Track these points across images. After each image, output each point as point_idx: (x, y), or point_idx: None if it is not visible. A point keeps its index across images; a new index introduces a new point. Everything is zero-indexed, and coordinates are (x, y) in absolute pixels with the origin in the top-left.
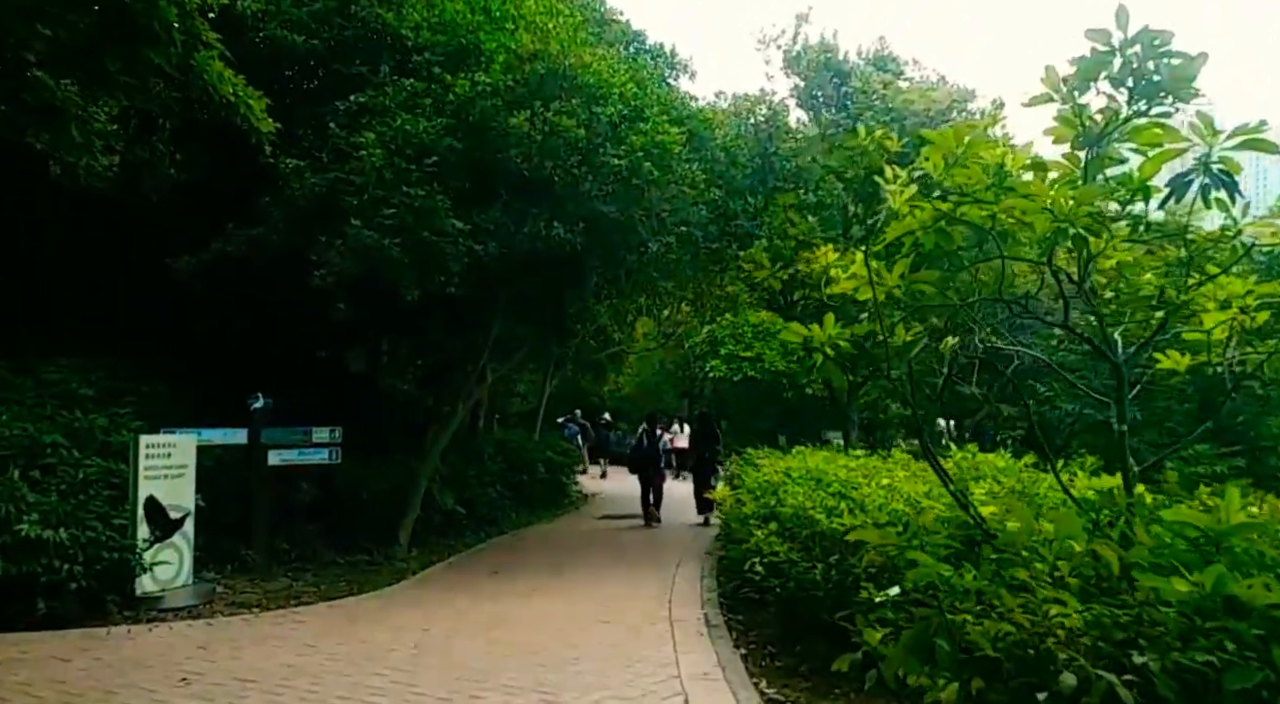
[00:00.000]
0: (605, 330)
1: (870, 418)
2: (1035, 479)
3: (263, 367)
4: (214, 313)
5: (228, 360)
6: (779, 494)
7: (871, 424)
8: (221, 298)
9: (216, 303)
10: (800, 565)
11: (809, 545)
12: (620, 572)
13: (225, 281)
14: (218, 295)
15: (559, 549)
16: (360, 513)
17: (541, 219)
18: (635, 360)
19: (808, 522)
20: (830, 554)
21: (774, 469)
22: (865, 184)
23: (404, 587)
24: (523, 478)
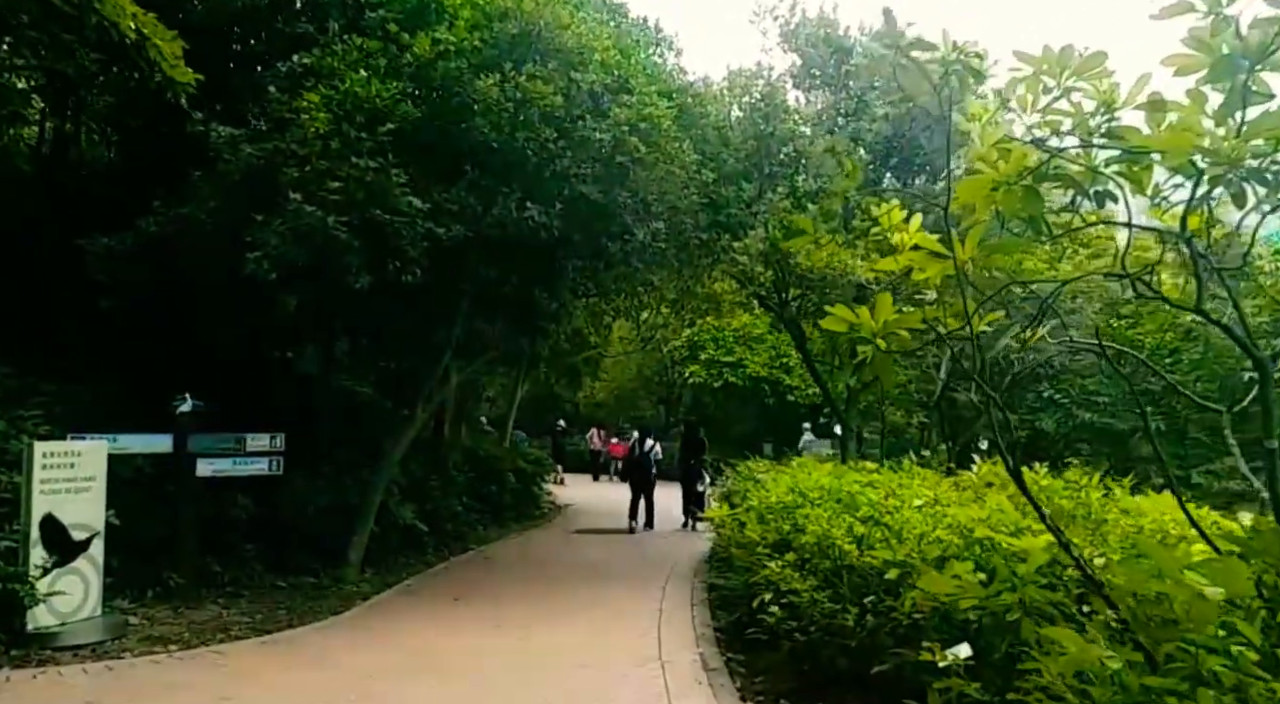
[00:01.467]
0: (581, 332)
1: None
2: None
3: (197, 365)
4: (139, 304)
5: (156, 358)
6: (795, 518)
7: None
8: (147, 286)
9: (141, 292)
10: (824, 605)
11: (833, 580)
12: (601, 597)
13: (152, 268)
14: (143, 284)
15: (531, 569)
16: (305, 530)
17: (513, 199)
18: (611, 365)
19: (833, 553)
20: (862, 592)
21: (779, 486)
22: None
23: (351, 616)
24: (491, 488)
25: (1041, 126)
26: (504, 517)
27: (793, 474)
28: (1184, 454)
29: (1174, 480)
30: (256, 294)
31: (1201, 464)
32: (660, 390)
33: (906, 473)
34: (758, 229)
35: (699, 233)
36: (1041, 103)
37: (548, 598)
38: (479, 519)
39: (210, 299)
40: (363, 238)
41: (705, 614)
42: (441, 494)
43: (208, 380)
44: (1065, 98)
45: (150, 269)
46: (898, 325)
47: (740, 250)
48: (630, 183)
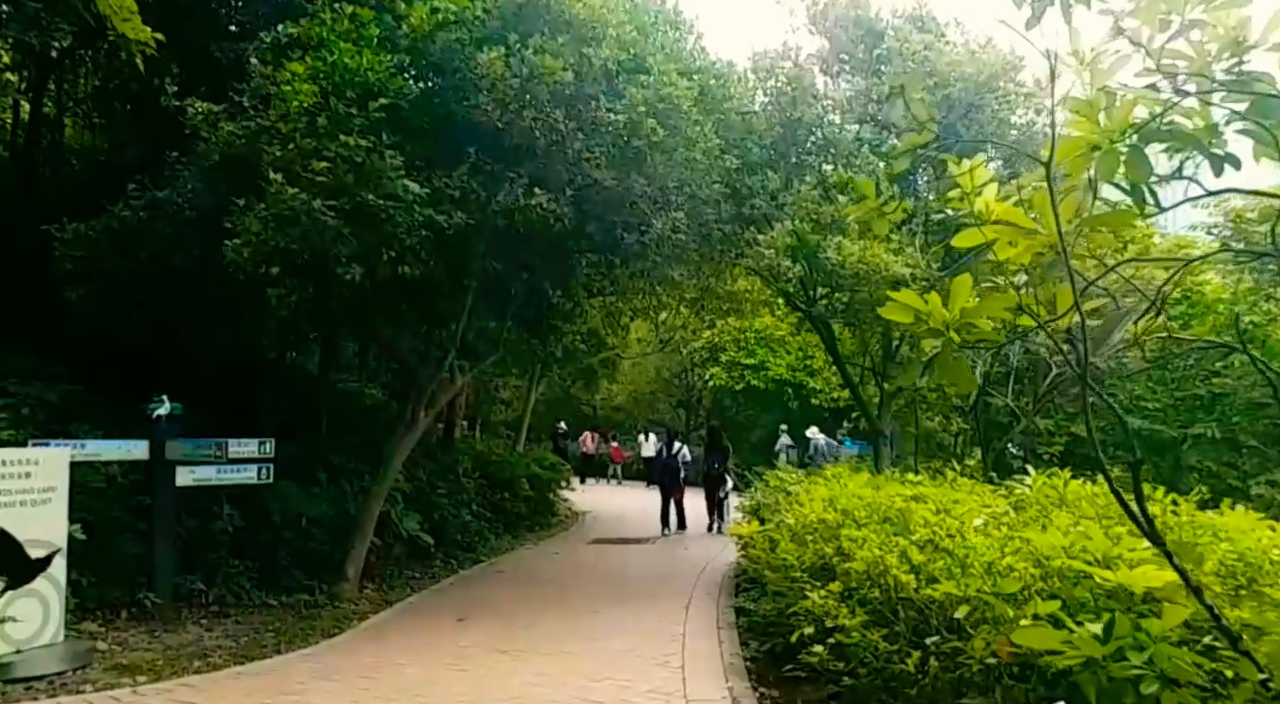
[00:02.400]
0: (597, 332)
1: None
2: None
3: (178, 365)
4: (113, 296)
5: (132, 357)
6: (840, 540)
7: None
8: (121, 277)
9: (115, 283)
10: (875, 644)
11: (884, 615)
12: (619, 618)
13: (126, 256)
14: (116, 274)
15: (544, 585)
16: (298, 543)
17: (520, 185)
18: (629, 367)
19: (886, 583)
20: (920, 631)
21: (814, 499)
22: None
23: (344, 640)
24: (503, 496)
25: (1154, 71)
26: (517, 526)
27: (827, 485)
28: (1240, 464)
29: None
30: (241, 287)
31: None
32: (679, 393)
33: (951, 484)
34: (785, 222)
35: (721, 225)
36: (1157, 41)
37: (562, 619)
38: (490, 528)
39: (191, 292)
40: (354, 225)
41: (733, 641)
42: (450, 502)
43: (191, 381)
44: (1184, 36)
45: (124, 258)
46: (977, 314)
47: (766, 244)
48: (647, 169)
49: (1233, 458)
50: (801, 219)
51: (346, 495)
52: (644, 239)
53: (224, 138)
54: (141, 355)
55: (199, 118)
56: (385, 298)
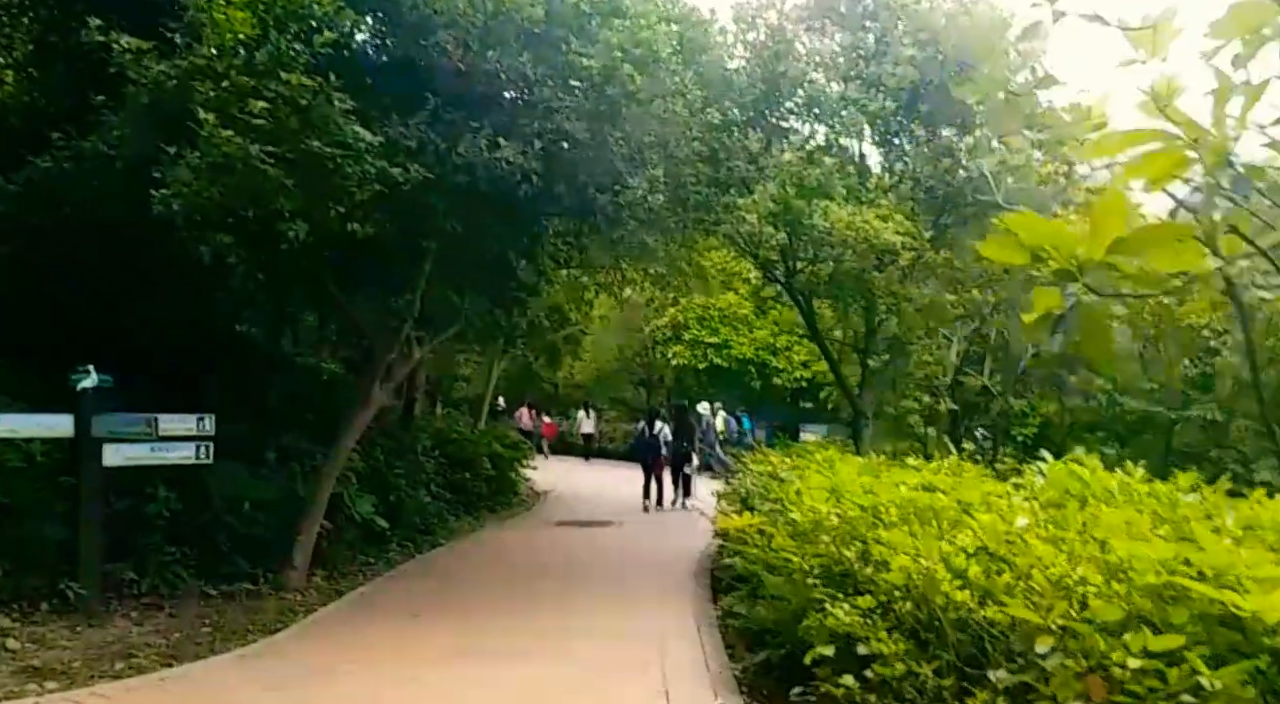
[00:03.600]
0: (561, 308)
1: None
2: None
3: (109, 334)
4: (34, 258)
5: (62, 325)
6: (867, 546)
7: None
8: (42, 234)
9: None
10: (925, 679)
11: (922, 633)
12: (589, 615)
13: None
14: (36, 231)
15: (507, 572)
16: (241, 528)
17: (484, 136)
18: (591, 345)
19: (933, 601)
20: (974, 659)
21: (813, 488)
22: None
23: (288, 637)
24: (464, 475)
25: None
26: (478, 506)
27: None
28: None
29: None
30: (182, 248)
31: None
32: (641, 372)
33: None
34: (767, 185)
35: (699, 188)
36: None
37: (526, 615)
38: (450, 510)
39: (126, 253)
40: (297, 175)
41: (717, 645)
42: (407, 483)
43: (125, 352)
44: None
45: (48, 213)
46: (1138, 246)
47: (747, 209)
48: (623, 122)
49: (1232, 440)
50: (784, 183)
51: (296, 476)
52: (618, 200)
53: (153, 78)
54: (69, 322)
55: (126, 56)
56: (336, 260)
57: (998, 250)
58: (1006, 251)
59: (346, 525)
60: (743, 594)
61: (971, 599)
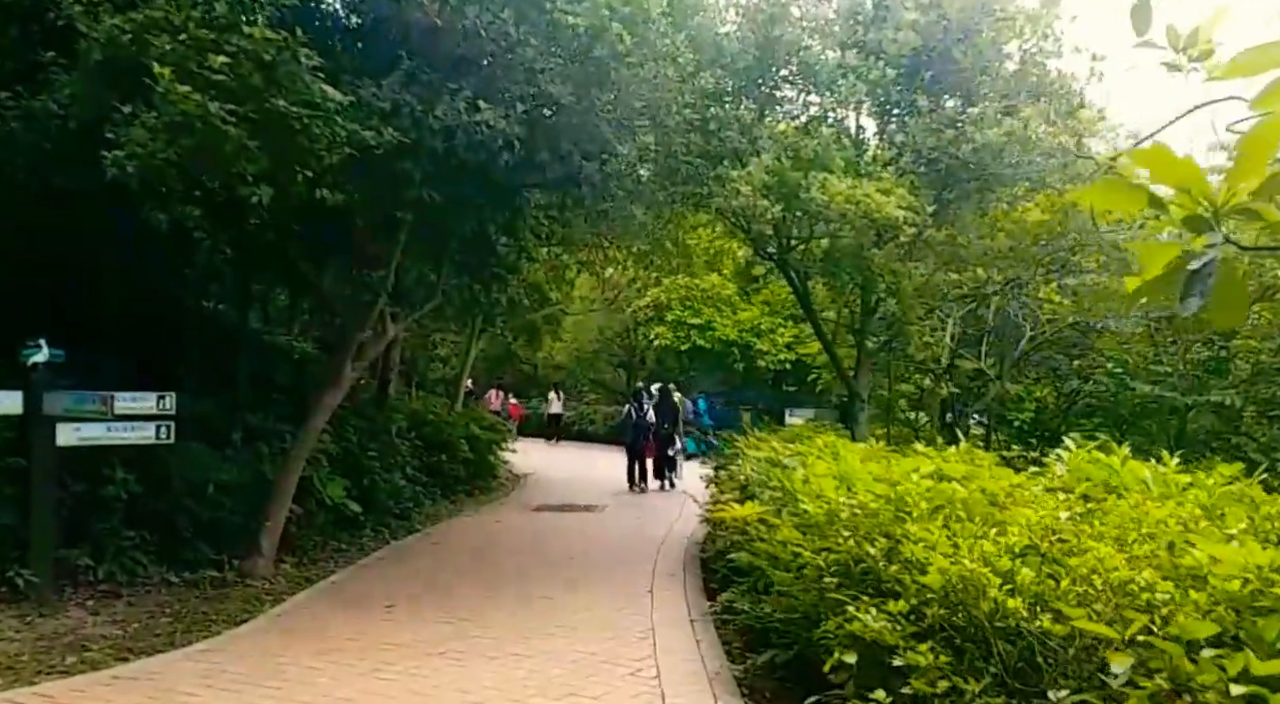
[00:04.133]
0: (540, 287)
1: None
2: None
3: (65, 307)
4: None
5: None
6: (896, 543)
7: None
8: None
9: None
10: (964, 690)
11: (958, 641)
12: (573, 607)
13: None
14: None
15: (485, 560)
16: (204, 512)
17: (462, 99)
18: (572, 325)
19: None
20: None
21: (819, 476)
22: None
23: (251, 630)
24: (440, 458)
25: None
26: (455, 490)
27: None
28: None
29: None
30: (135, 216)
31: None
32: (622, 353)
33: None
34: (761, 156)
35: (690, 159)
36: None
37: (507, 608)
38: (426, 493)
39: (77, 221)
40: (261, 137)
41: (713, 641)
42: (381, 466)
43: (84, 327)
44: None
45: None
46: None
47: (742, 180)
48: (611, 85)
49: (1251, 427)
50: (779, 155)
51: (264, 458)
52: (605, 169)
53: (106, 32)
54: (19, 294)
55: (76, 8)
56: (305, 231)
57: (1107, 196)
58: (1117, 196)
59: (317, 510)
60: (743, 589)
61: (1023, 607)
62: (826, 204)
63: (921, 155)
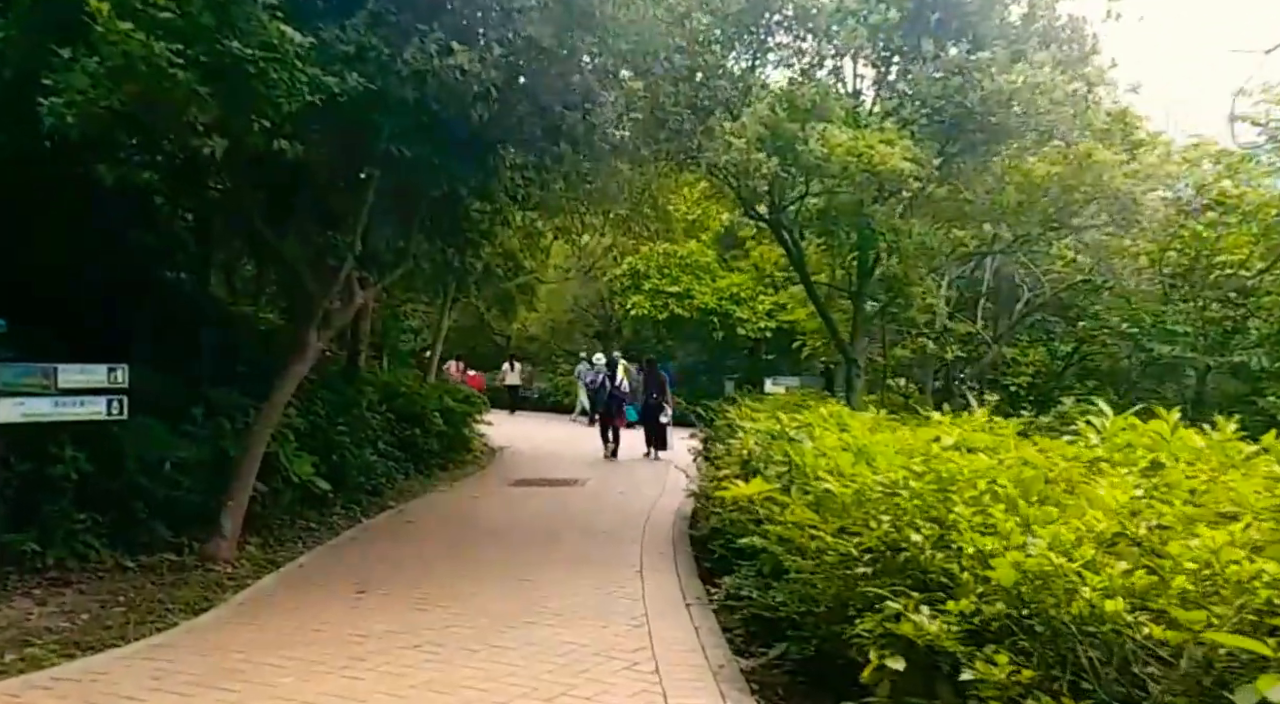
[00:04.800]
0: (515, 255)
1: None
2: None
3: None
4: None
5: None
6: (947, 528)
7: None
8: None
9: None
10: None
11: (1045, 658)
12: (559, 591)
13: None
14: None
15: (462, 540)
16: (162, 492)
17: (433, 41)
18: (546, 294)
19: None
20: (1122, 693)
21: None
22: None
23: (210, 620)
24: (413, 432)
25: None
26: (429, 464)
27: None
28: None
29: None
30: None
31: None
32: (597, 323)
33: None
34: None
35: (677, 111)
36: None
37: (488, 592)
38: (399, 469)
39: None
40: (213, 82)
41: (713, 630)
42: (351, 440)
43: (30, 296)
44: None
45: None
46: None
47: (735, 133)
48: (594, 26)
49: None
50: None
51: (226, 434)
52: (589, 120)
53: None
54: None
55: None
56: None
57: None
58: None
59: (284, 488)
60: (746, 573)
61: (1124, 610)
62: (826, 156)
63: (925, 105)
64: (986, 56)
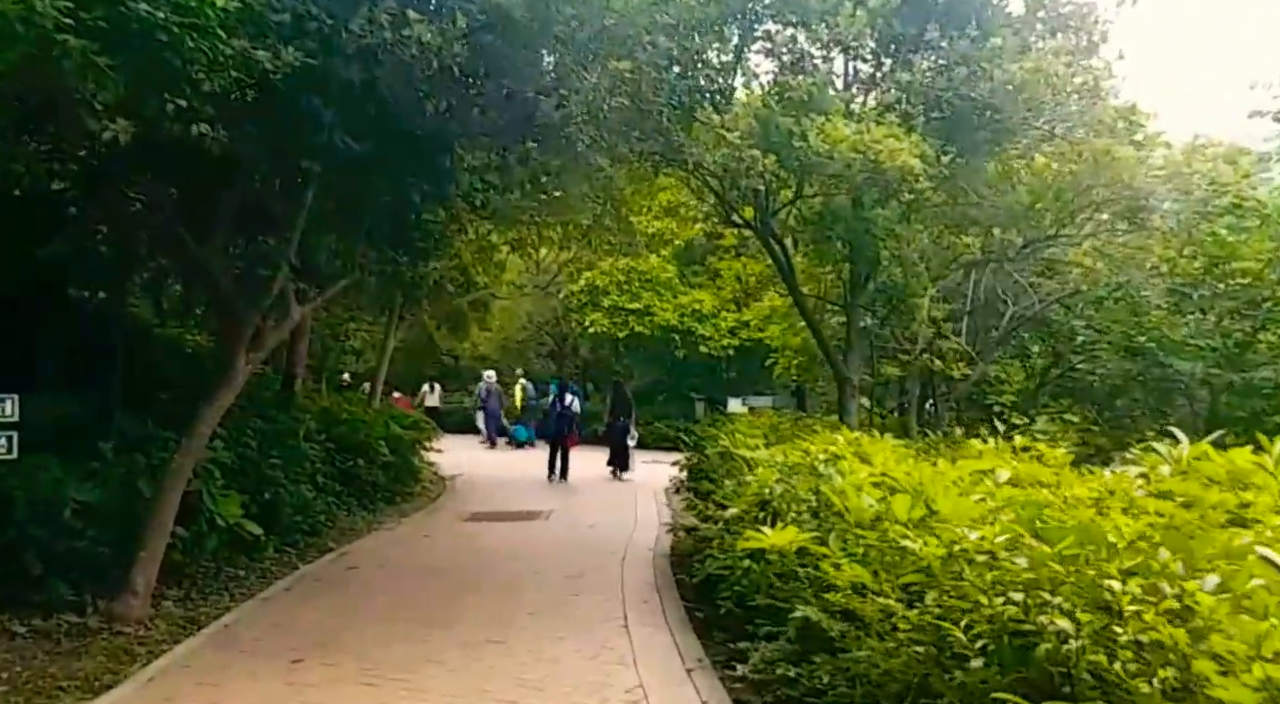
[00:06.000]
0: (467, 270)
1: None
2: None
3: None
4: None
5: None
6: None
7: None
8: None
9: None
10: None
11: None
12: (535, 656)
13: None
14: None
15: (414, 588)
16: (59, 542)
17: (385, 11)
18: (499, 312)
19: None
20: None
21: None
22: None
23: (115, 700)
24: (356, 463)
25: None
26: (374, 498)
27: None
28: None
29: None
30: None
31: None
32: (552, 342)
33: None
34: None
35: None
36: None
37: (446, 654)
38: (340, 504)
39: None
40: (115, 52)
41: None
42: (287, 475)
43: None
44: None
45: None
46: None
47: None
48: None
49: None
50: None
51: (140, 472)
52: (564, 109)
53: None
54: None
55: None
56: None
57: None
58: None
59: (208, 532)
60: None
61: None
62: (829, 153)
63: (927, 99)
64: (997, 43)
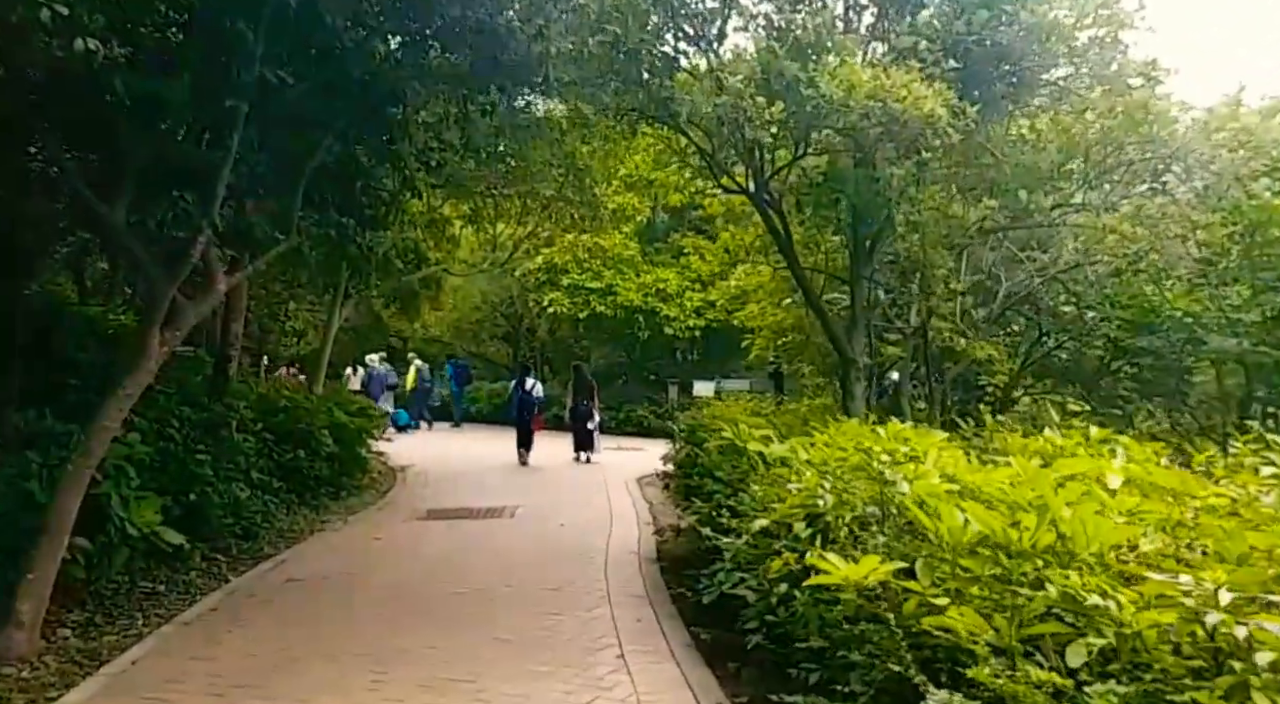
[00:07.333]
0: (418, 245)
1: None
2: None
3: None
4: None
5: None
6: None
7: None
8: None
9: None
10: None
11: None
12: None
13: None
14: None
15: (365, 607)
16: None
17: None
18: (452, 292)
19: None
20: None
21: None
22: None
23: None
24: (296, 455)
25: None
26: (318, 494)
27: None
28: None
29: None
30: None
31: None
32: (507, 323)
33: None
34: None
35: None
36: None
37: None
38: (278, 503)
39: None
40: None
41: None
42: (217, 472)
43: None
44: None
45: None
46: None
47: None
48: None
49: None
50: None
51: (32, 473)
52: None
53: None
54: None
55: None
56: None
57: None
58: None
59: (117, 543)
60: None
61: None
62: (843, 102)
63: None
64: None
